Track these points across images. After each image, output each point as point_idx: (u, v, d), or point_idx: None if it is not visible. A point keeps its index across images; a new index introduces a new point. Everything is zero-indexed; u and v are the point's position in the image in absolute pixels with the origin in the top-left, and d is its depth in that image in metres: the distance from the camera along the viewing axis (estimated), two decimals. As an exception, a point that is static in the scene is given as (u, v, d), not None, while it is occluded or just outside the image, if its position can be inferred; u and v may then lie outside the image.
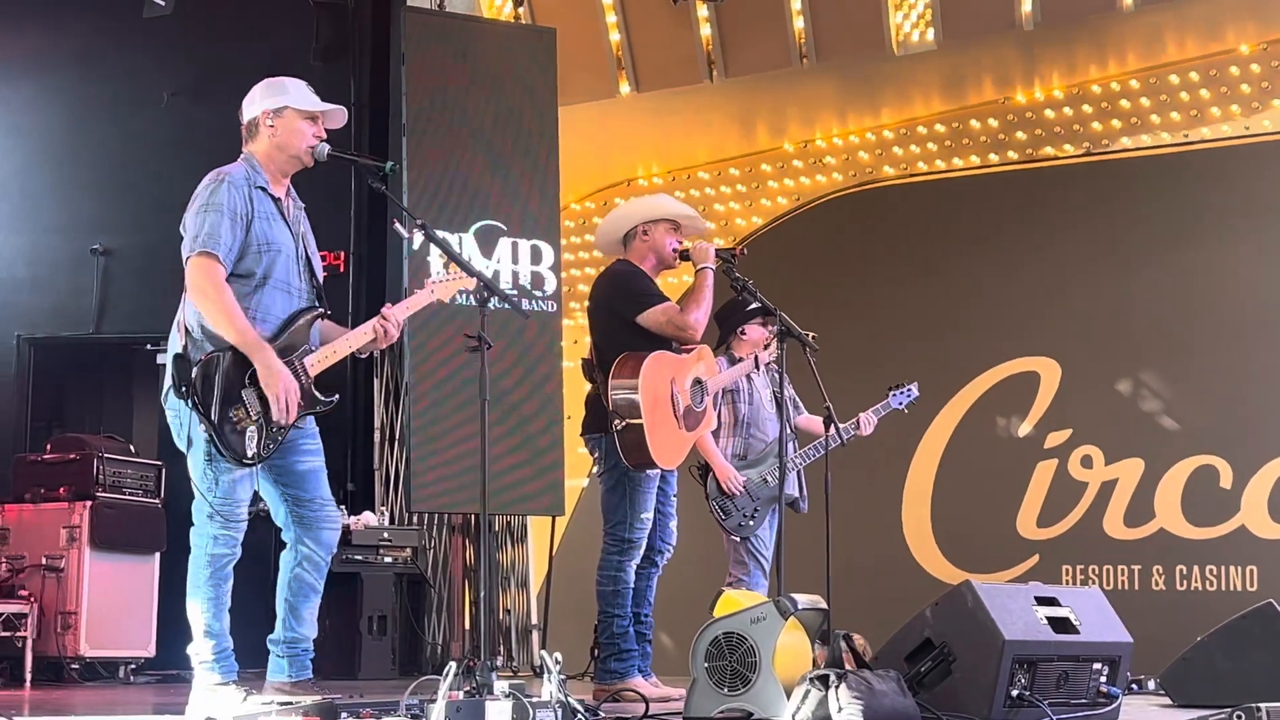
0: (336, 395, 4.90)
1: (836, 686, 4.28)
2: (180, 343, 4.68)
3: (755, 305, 6.72)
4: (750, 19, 10.64)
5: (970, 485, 10.58)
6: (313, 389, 4.81)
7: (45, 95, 9.80)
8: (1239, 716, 4.44)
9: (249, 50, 9.70)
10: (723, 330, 7.19)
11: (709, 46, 10.77)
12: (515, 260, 9.75)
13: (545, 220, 9.93)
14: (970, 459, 10.63)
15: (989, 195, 11.05)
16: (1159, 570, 10.01)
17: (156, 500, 8.71)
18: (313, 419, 4.90)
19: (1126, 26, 10.27)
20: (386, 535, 9.11)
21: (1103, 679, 4.91)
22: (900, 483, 10.75)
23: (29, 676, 7.86)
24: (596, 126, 11.05)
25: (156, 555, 8.57)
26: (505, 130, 9.85)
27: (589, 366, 6.31)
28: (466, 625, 9.84)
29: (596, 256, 11.39)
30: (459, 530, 10.00)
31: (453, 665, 4.09)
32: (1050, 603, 4.89)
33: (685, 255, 6.32)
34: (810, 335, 6.33)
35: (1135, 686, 7.04)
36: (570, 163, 10.35)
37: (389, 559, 9.10)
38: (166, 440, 4.87)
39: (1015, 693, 4.59)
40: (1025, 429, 10.55)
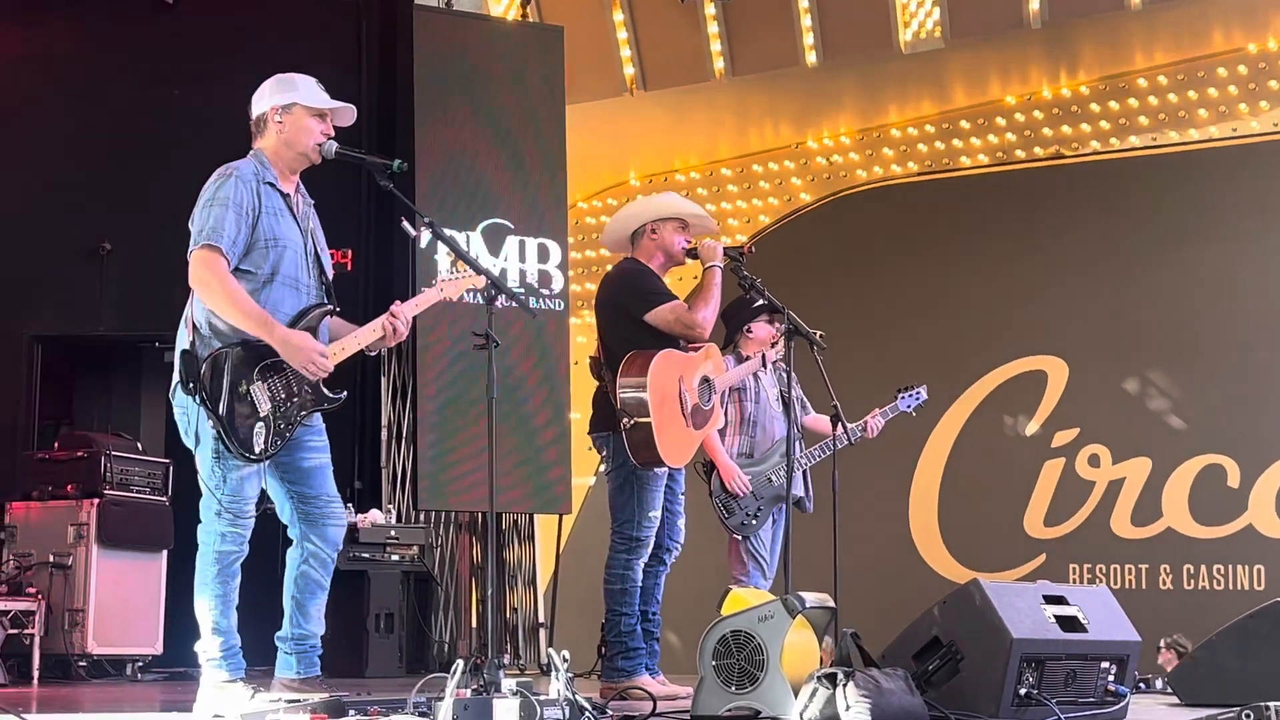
0: (345, 392, 4.90)
1: (844, 685, 4.28)
2: (188, 338, 4.67)
3: (761, 303, 6.70)
4: (758, 17, 10.64)
5: (977, 484, 10.58)
6: (321, 385, 4.81)
7: (53, 92, 9.80)
8: (1248, 715, 4.44)
9: (258, 48, 9.70)
10: (729, 328, 7.17)
11: (716, 45, 10.78)
12: (523, 258, 9.76)
13: (552, 218, 9.94)
14: (977, 458, 10.63)
15: (996, 194, 11.05)
16: (1166, 569, 10.01)
17: (164, 498, 8.71)
18: (319, 416, 4.90)
19: (1134, 25, 10.26)
20: (394, 533, 9.11)
21: (1111, 678, 4.90)
22: (907, 481, 10.76)
23: (37, 674, 7.86)
24: (604, 125, 11.06)
25: (164, 553, 8.57)
26: (513, 129, 9.87)
27: (596, 364, 6.30)
28: (474, 623, 9.84)
29: (604, 255, 11.40)
30: (466, 528, 10.00)
31: (460, 663, 4.08)
32: (1058, 601, 4.88)
33: (693, 254, 6.30)
34: (818, 334, 6.32)
35: (1143, 685, 7.02)
36: (577, 161, 10.36)
37: (396, 557, 9.09)
38: (174, 438, 4.87)
39: (1023, 691, 4.58)
40: (1032, 428, 10.55)
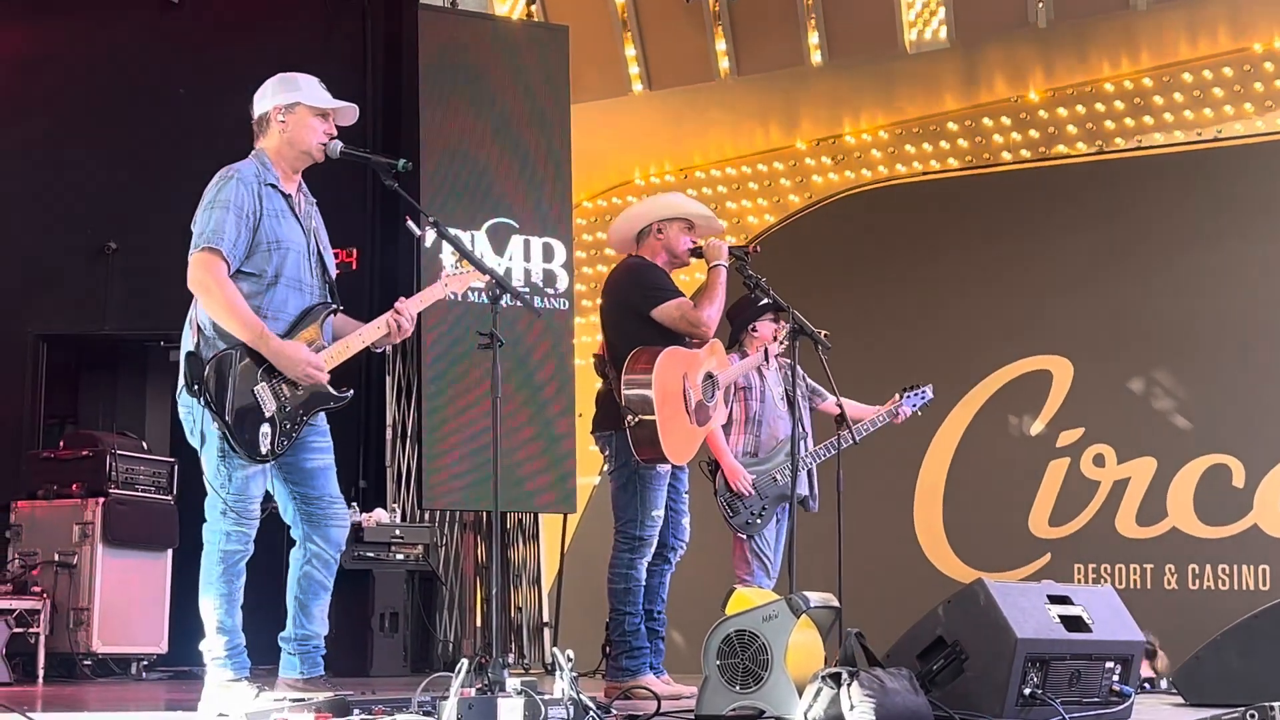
0: (350, 391, 4.89)
1: (849, 684, 4.28)
2: (193, 340, 4.67)
3: (766, 302, 6.70)
4: (763, 17, 10.64)
5: (982, 484, 10.57)
6: (327, 386, 4.81)
7: (59, 91, 9.81)
8: (1252, 716, 4.43)
9: (264, 47, 9.70)
10: (734, 327, 7.17)
11: (721, 45, 10.77)
12: (527, 258, 9.76)
13: (557, 218, 9.94)
14: (982, 457, 10.62)
15: (1001, 194, 11.04)
16: (1171, 569, 9.99)
17: (169, 497, 8.71)
18: (324, 416, 4.89)
19: (1140, 24, 10.25)
20: (398, 532, 9.12)
21: (1115, 678, 4.90)
22: (912, 481, 10.75)
23: (42, 672, 7.86)
24: (609, 124, 11.06)
25: (169, 552, 8.58)
26: (518, 128, 9.87)
27: (601, 362, 6.31)
28: (478, 622, 9.85)
29: (608, 254, 11.39)
30: (471, 527, 10.00)
31: (465, 662, 4.09)
32: (1063, 601, 4.88)
33: (698, 253, 6.31)
34: (823, 333, 6.32)
35: (1148, 685, 7.03)
36: (582, 160, 10.36)
37: (401, 556, 9.10)
38: (179, 437, 4.86)
39: (1028, 691, 4.58)
40: (1037, 428, 10.54)
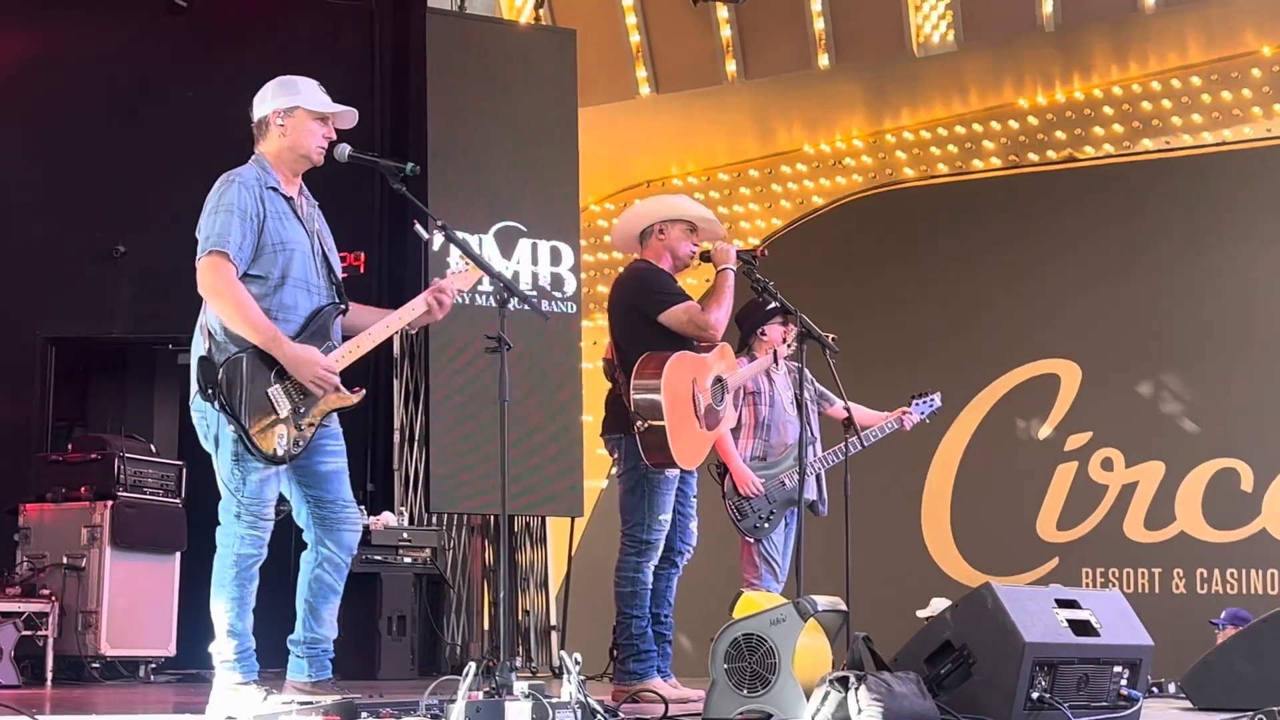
0: (363, 390, 4.90)
1: (856, 688, 4.28)
2: (204, 345, 4.68)
3: (775, 305, 6.70)
4: (770, 20, 10.64)
5: (990, 487, 10.56)
6: (340, 388, 4.81)
7: (67, 94, 9.82)
8: (1260, 720, 4.43)
9: (271, 50, 9.71)
10: (743, 331, 7.16)
11: (729, 47, 10.78)
12: (535, 261, 9.77)
13: (565, 221, 9.94)
14: (990, 461, 10.61)
15: (1008, 197, 11.03)
16: (1179, 573, 9.98)
17: (177, 500, 8.71)
18: (336, 419, 4.90)
19: (1148, 28, 10.24)
20: (406, 535, 9.11)
21: (1123, 682, 4.90)
22: (920, 485, 10.74)
23: (50, 675, 7.87)
24: (616, 128, 11.06)
25: (177, 555, 8.58)
26: (525, 131, 9.87)
27: (609, 366, 6.31)
28: (486, 626, 9.85)
29: (616, 258, 11.40)
30: (478, 531, 10.01)
31: (472, 665, 4.09)
32: (1071, 605, 4.88)
33: (706, 256, 6.31)
34: (830, 337, 6.32)
35: (1156, 690, 7.02)
36: (590, 164, 10.36)
37: (408, 559, 9.10)
38: (187, 440, 4.89)
39: (1035, 695, 4.58)
40: (1045, 431, 10.53)
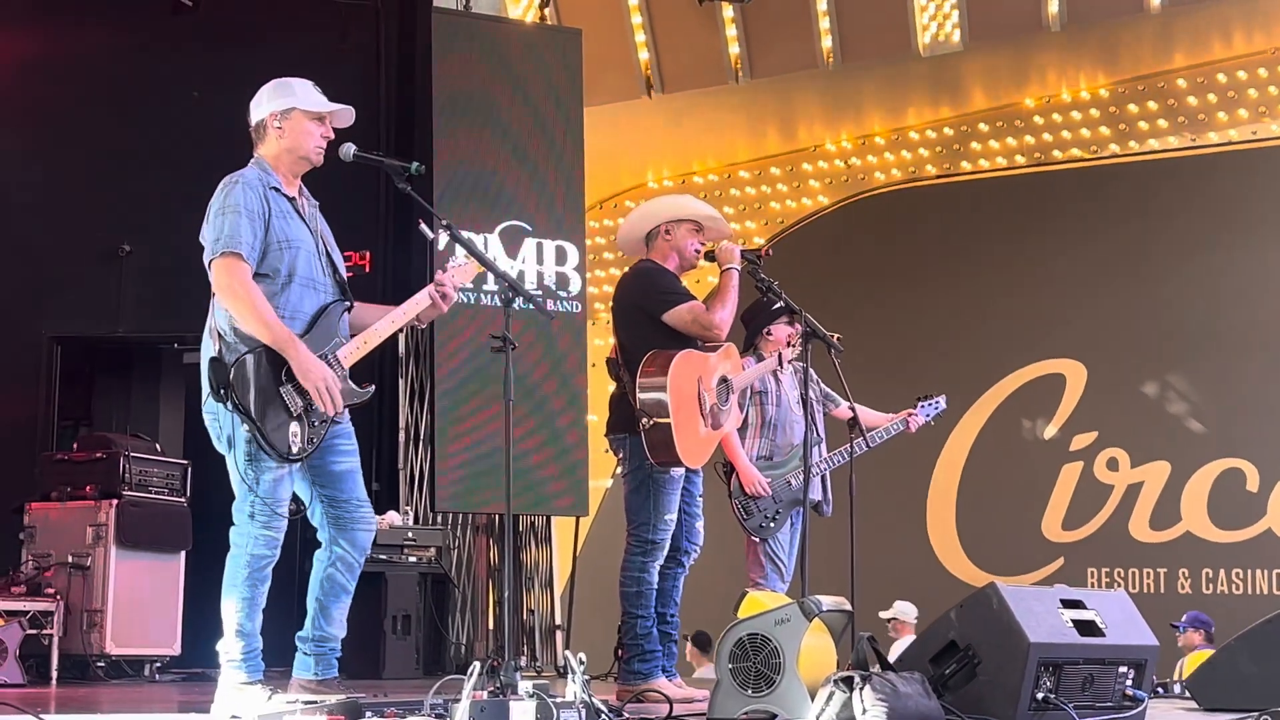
0: (372, 386, 4.90)
1: (861, 688, 4.27)
2: (214, 347, 4.68)
3: (780, 305, 6.69)
4: (776, 20, 10.64)
5: (995, 487, 10.57)
6: (348, 382, 4.82)
7: (73, 94, 9.83)
8: (1266, 720, 4.43)
9: (277, 49, 9.72)
10: (749, 331, 7.16)
11: (734, 48, 10.78)
12: (540, 261, 9.77)
13: (570, 221, 9.95)
14: (995, 461, 10.61)
15: (1014, 197, 11.03)
16: (1185, 573, 9.98)
17: (182, 499, 8.72)
18: (349, 418, 4.91)
19: (1154, 28, 10.24)
20: (411, 535, 9.12)
21: (1129, 682, 4.89)
22: (925, 485, 10.75)
23: (55, 674, 7.88)
24: (622, 127, 11.07)
25: (182, 554, 8.59)
26: (531, 131, 9.88)
27: (614, 365, 6.30)
28: (490, 625, 9.85)
29: (621, 257, 11.41)
30: (483, 530, 10.01)
31: (477, 665, 4.09)
32: (1076, 605, 4.86)
33: (710, 256, 6.30)
34: (835, 336, 6.31)
35: (1161, 690, 7.01)
36: (595, 163, 10.36)
37: (413, 559, 9.10)
38: (192, 439, 4.89)
39: (1040, 695, 4.57)
40: (1051, 431, 10.53)
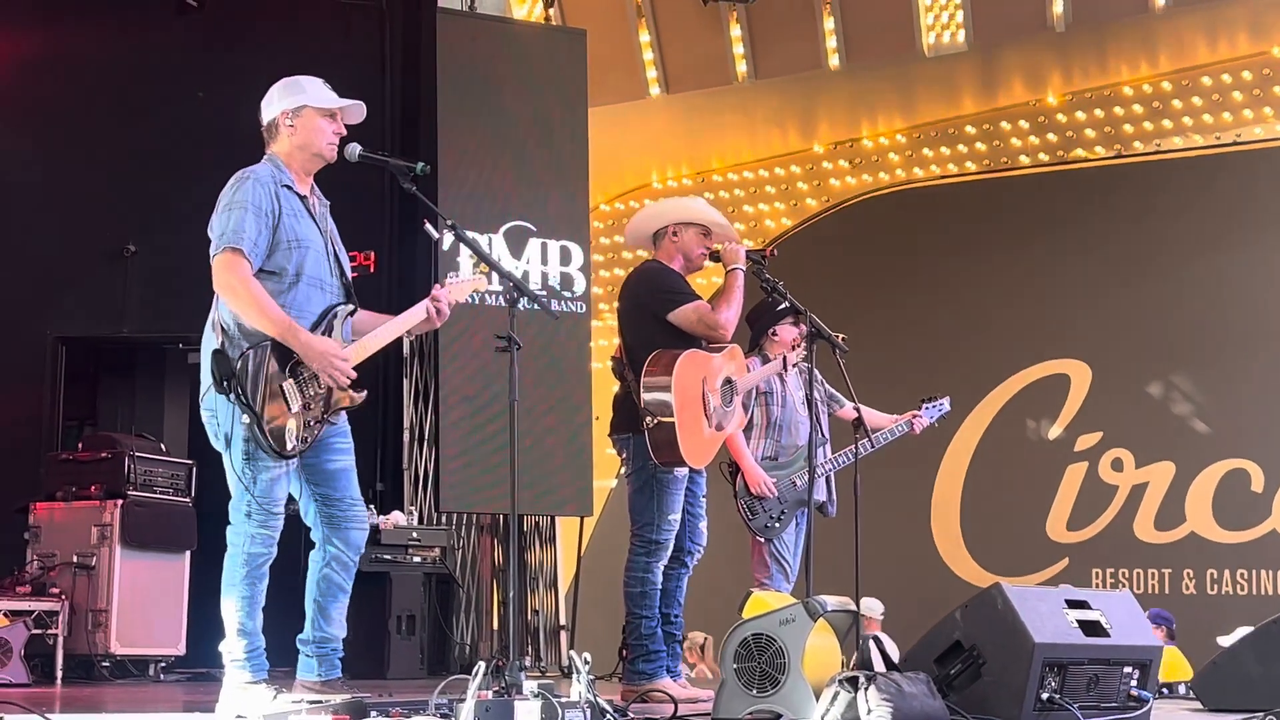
0: (365, 391, 4.91)
1: (866, 688, 4.28)
2: (217, 340, 4.69)
3: (786, 305, 6.69)
4: (780, 20, 10.64)
5: (1000, 488, 10.56)
6: (347, 382, 4.83)
7: (78, 94, 9.84)
8: (1270, 721, 4.42)
9: (281, 50, 9.73)
10: (754, 332, 7.16)
11: (739, 48, 10.78)
12: (545, 261, 9.77)
13: (574, 221, 9.95)
14: (1000, 462, 10.60)
15: (1019, 198, 11.03)
16: (1190, 574, 9.97)
17: (187, 499, 8.73)
18: (345, 417, 4.91)
19: (1159, 28, 10.23)
20: (415, 535, 9.12)
21: (1133, 682, 4.89)
22: (930, 485, 10.74)
23: (60, 674, 7.89)
24: (626, 128, 11.07)
25: (187, 554, 8.59)
26: (535, 131, 9.88)
27: (619, 365, 6.30)
28: (495, 625, 9.85)
29: (625, 257, 11.41)
30: (488, 530, 10.01)
31: (481, 665, 4.09)
32: (1081, 606, 4.87)
33: (715, 257, 6.30)
34: (840, 337, 6.31)
35: (1166, 691, 7.01)
36: (600, 164, 10.37)
37: (418, 559, 9.11)
38: (197, 439, 4.89)
39: (1045, 696, 4.57)
40: (1055, 432, 10.52)
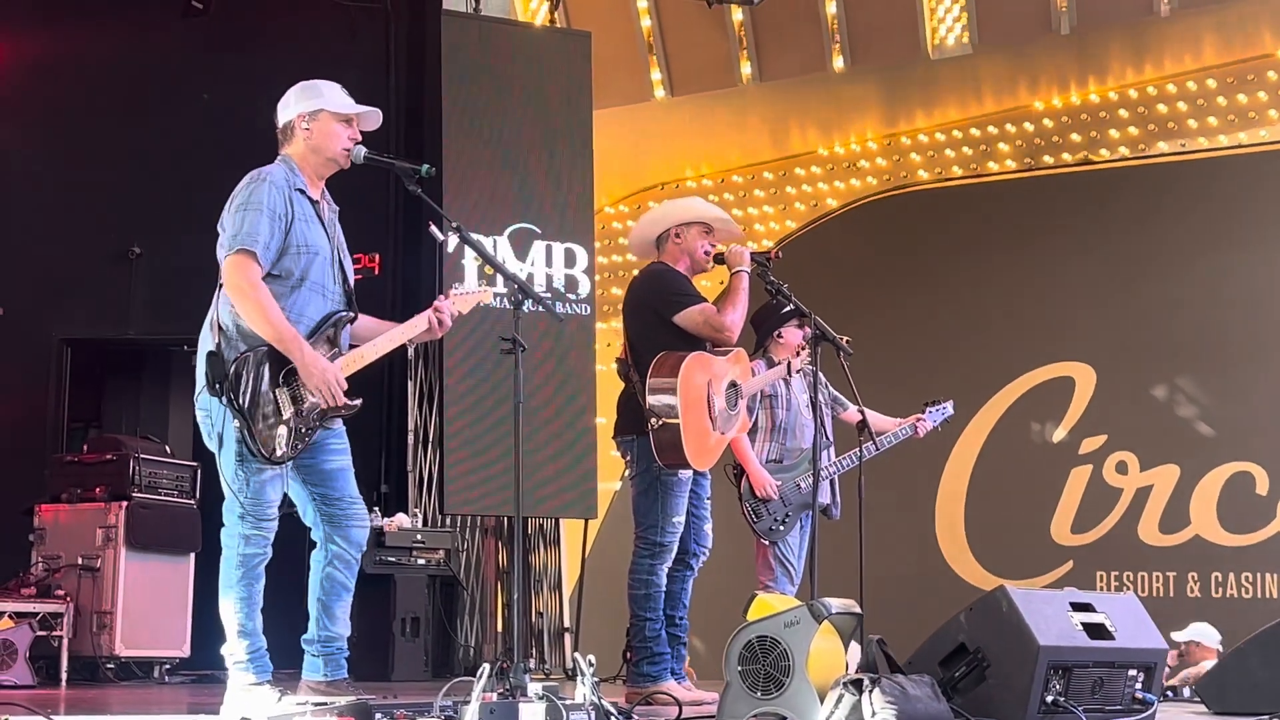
0: (359, 400, 4.89)
1: (870, 691, 4.28)
2: (214, 340, 4.70)
3: (791, 308, 6.70)
4: (785, 22, 10.64)
5: (1004, 490, 10.54)
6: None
7: (83, 96, 9.85)
8: (1276, 724, 4.42)
9: (286, 52, 9.74)
10: (760, 334, 7.16)
11: (743, 50, 10.78)
12: (549, 263, 9.77)
13: (579, 223, 9.95)
14: (1004, 464, 10.59)
15: (1023, 200, 11.01)
16: (1194, 577, 9.95)
17: (192, 501, 8.74)
18: (340, 421, 4.91)
19: (1163, 31, 10.23)
20: (420, 537, 9.12)
21: (1138, 685, 4.89)
22: (934, 488, 10.72)
23: (65, 676, 7.89)
24: (631, 130, 11.07)
25: (192, 556, 8.60)
26: (540, 133, 9.88)
27: (624, 366, 6.31)
28: (499, 627, 9.86)
29: (630, 259, 11.40)
30: (492, 532, 10.01)
31: (486, 667, 4.10)
32: (1085, 609, 4.87)
33: (720, 259, 6.31)
34: (844, 339, 6.32)
35: (1171, 694, 7.01)
36: (604, 166, 10.37)
37: (422, 561, 9.11)
38: (202, 441, 4.89)
39: (1050, 698, 4.58)
40: (1060, 434, 10.51)
